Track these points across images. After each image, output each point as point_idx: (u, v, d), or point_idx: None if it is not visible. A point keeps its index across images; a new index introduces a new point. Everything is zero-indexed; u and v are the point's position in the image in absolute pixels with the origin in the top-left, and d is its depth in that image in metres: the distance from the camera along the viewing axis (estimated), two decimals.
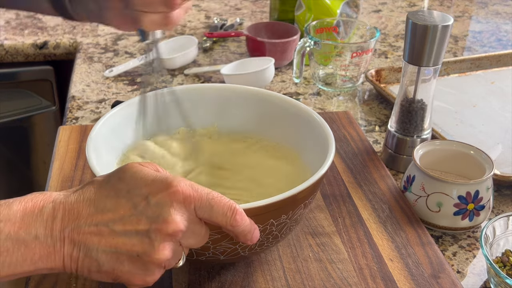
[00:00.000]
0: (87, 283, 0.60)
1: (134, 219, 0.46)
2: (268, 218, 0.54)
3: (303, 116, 0.68)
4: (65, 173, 0.77)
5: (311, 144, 0.67)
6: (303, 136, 0.69)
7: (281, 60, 1.12)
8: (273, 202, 0.52)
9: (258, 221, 0.52)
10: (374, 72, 1.06)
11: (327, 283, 0.61)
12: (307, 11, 1.13)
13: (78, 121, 0.95)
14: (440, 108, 0.99)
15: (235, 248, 0.55)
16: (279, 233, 0.57)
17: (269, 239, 0.57)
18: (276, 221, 0.55)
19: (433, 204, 0.71)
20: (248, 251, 0.57)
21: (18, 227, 0.45)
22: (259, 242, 0.56)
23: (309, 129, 0.67)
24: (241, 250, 0.56)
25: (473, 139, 0.89)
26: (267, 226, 0.54)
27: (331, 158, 0.59)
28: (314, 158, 0.64)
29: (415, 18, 0.75)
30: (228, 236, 0.53)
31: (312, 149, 0.66)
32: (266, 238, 0.56)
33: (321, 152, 0.62)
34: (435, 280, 0.62)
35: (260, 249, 0.58)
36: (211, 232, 0.51)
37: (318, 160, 0.61)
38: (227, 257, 0.56)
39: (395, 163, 0.84)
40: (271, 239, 0.57)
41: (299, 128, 0.69)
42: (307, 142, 0.68)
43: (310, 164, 0.66)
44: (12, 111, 1.26)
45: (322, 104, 1.03)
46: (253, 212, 0.51)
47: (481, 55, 1.16)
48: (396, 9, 1.51)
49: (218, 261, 0.57)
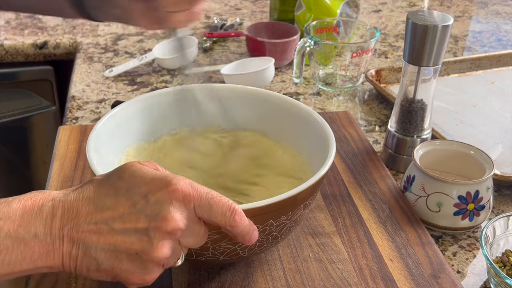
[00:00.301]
0: (87, 283, 0.60)
1: (133, 217, 0.46)
2: (267, 218, 0.54)
3: (304, 117, 0.68)
4: (65, 173, 0.77)
5: (311, 144, 0.67)
6: (304, 137, 0.68)
7: (281, 60, 1.12)
8: (272, 202, 0.52)
9: (257, 222, 0.52)
10: (374, 72, 1.06)
11: (327, 283, 0.61)
12: (307, 11, 1.13)
13: (78, 121, 0.95)
14: (440, 108, 0.99)
15: (234, 248, 0.55)
16: (278, 234, 0.57)
17: (268, 240, 0.57)
18: (276, 222, 0.55)
19: (433, 204, 0.71)
20: (248, 252, 0.57)
21: (17, 225, 0.45)
22: (259, 242, 0.55)
23: (310, 130, 0.67)
24: (241, 250, 0.56)
25: (473, 139, 0.89)
26: (267, 226, 0.54)
27: (331, 159, 0.59)
28: (315, 158, 0.64)
29: (415, 18, 0.75)
30: (227, 237, 0.53)
31: (312, 149, 0.66)
32: (265, 238, 0.56)
33: (321, 152, 0.62)
34: (435, 280, 0.62)
35: (259, 250, 0.58)
36: (210, 232, 0.51)
37: (318, 161, 0.61)
38: (226, 257, 0.56)
39: (395, 163, 0.84)
40: (271, 239, 0.57)
41: (300, 128, 0.69)
42: (308, 143, 0.68)
43: (311, 164, 0.66)
44: (12, 111, 1.26)
45: (322, 104, 1.03)
46: (252, 213, 0.51)
47: (481, 55, 1.16)
48: (396, 9, 1.51)
49: (218, 261, 0.57)
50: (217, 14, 1.41)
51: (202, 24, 1.35)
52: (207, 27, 1.32)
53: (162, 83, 1.07)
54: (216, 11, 1.43)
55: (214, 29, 1.28)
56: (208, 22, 1.36)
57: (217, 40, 1.25)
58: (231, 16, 1.40)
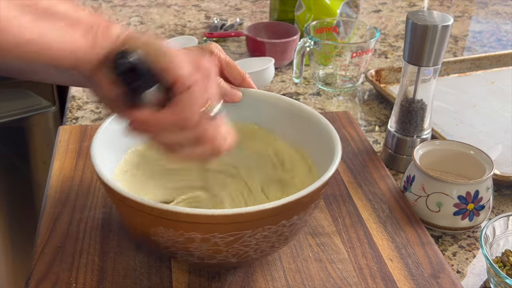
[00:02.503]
0: (87, 283, 0.60)
1: None
2: (280, 219, 0.53)
3: (309, 118, 0.67)
4: (65, 173, 0.77)
5: (317, 147, 0.66)
6: (309, 139, 0.68)
7: (281, 60, 1.12)
8: (287, 202, 0.52)
9: (269, 223, 0.52)
10: (374, 72, 1.06)
11: (327, 283, 0.61)
12: (307, 11, 1.13)
13: (78, 121, 0.95)
14: (440, 108, 0.99)
15: (246, 250, 0.55)
16: (289, 234, 0.57)
17: (280, 240, 0.56)
18: (288, 222, 0.54)
19: (433, 204, 0.71)
20: (260, 253, 0.56)
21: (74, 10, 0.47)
22: (271, 244, 0.55)
23: (315, 132, 0.66)
24: (253, 252, 0.55)
25: (473, 139, 0.89)
26: (279, 227, 0.54)
27: (336, 163, 0.58)
28: (320, 160, 0.64)
29: (415, 18, 0.75)
30: (241, 238, 0.52)
31: (318, 151, 0.66)
32: (277, 239, 0.55)
33: (327, 153, 0.61)
34: (435, 280, 0.62)
35: (271, 251, 0.58)
36: (224, 235, 0.51)
37: (324, 162, 0.60)
38: (239, 259, 0.56)
39: (395, 163, 0.84)
40: (282, 240, 0.56)
41: (305, 130, 0.68)
42: (313, 145, 0.67)
43: (316, 165, 0.66)
44: (12, 111, 1.26)
45: (322, 104, 1.03)
46: (265, 214, 0.51)
47: (481, 55, 1.16)
48: (396, 9, 1.51)
49: (230, 263, 0.57)
50: (217, 14, 1.41)
51: (202, 24, 1.35)
52: (207, 27, 1.33)
53: None
54: (216, 11, 1.43)
55: (214, 29, 1.29)
56: (208, 22, 1.36)
57: (217, 40, 1.25)
58: (231, 16, 1.40)
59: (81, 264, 0.62)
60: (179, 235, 0.52)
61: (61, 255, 0.63)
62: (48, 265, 0.62)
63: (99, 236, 0.66)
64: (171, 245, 0.54)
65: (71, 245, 0.65)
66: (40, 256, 0.63)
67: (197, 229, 0.51)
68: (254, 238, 0.53)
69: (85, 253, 0.64)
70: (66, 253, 0.64)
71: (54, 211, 0.70)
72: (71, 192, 0.73)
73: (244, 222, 0.52)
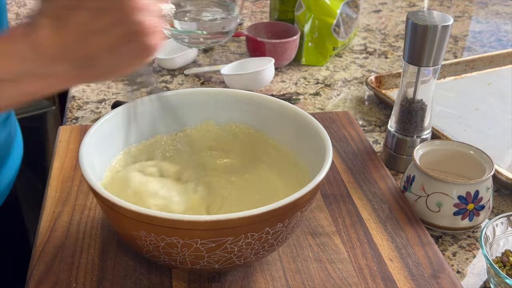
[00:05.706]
0: (87, 283, 0.60)
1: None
2: (263, 226, 0.53)
3: (299, 120, 0.67)
4: (65, 173, 0.77)
5: (308, 149, 0.66)
6: (300, 141, 0.68)
7: (281, 60, 1.12)
8: (269, 210, 0.51)
9: (253, 230, 0.52)
10: (374, 78, 1.06)
11: (327, 283, 0.61)
12: (307, 11, 1.13)
13: (78, 121, 0.95)
14: (444, 113, 0.98)
15: (230, 257, 0.54)
16: (275, 241, 0.56)
17: (265, 248, 0.56)
18: (272, 229, 0.54)
19: (433, 204, 0.71)
20: (244, 260, 0.56)
21: None
22: (255, 250, 0.55)
23: (306, 133, 0.66)
24: (237, 259, 0.55)
25: (484, 144, 0.87)
26: (263, 234, 0.53)
27: (327, 166, 0.58)
28: (312, 163, 0.63)
29: (415, 18, 0.75)
30: (222, 245, 0.52)
31: (309, 154, 0.65)
32: (261, 246, 0.55)
33: (319, 156, 0.61)
34: (435, 280, 0.62)
35: (255, 258, 0.57)
36: (205, 241, 0.51)
37: (315, 165, 0.60)
38: (222, 265, 0.56)
39: (395, 163, 0.84)
40: (267, 247, 0.56)
41: (296, 132, 0.68)
42: (304, 147, 0.67)
43: (308, 168, 0.66)
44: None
45: (322, 104, 1.03)
46: (248, 221, 0.51)
47: (474, 56, 1.16)
48: (396, 9, 1.51)
49: (213, 269, 0.57)
50: None
51: None
52: None
53: (162, 83, 1.07)
54: None
55: None
56: None
57: None
58: None
59: (81, 264, 0.62)
60: (160, 240, 0.52)
61: (61, 255, 0.63)
62: (48, 265, 0.62)
63: (99, 236, 0.66)
64: (153, 249, 0.54)
65: (71, 245, 0.65)
66: (40, 256, 0.63)
67: (178, 234, 0.51)
68: (237, 245, 0.53)
69: (85, 253, 0.64)
70: (66, 253, 0.64)
71: (54, 211, 0.70)
72: (71, 192, 0.73)
73: (226, 229, 0.51)
